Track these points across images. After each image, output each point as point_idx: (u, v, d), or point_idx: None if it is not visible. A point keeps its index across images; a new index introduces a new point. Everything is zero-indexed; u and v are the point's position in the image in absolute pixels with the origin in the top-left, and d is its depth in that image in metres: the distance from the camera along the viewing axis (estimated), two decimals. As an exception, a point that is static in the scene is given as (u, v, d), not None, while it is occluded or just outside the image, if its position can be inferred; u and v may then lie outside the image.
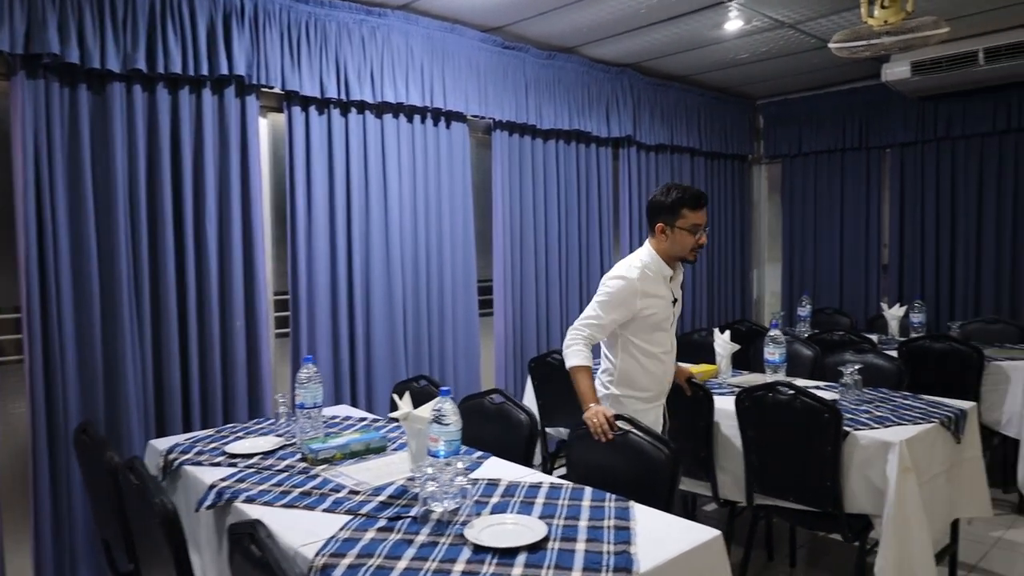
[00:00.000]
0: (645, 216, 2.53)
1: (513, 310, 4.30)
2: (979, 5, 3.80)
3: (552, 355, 3.54)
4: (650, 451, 2.09)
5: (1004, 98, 4.75)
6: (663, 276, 2.55)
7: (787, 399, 2.63)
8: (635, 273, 2.49)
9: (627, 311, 2.48)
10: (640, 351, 2.54)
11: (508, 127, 4.24)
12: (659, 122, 5.14)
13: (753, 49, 4.55)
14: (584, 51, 4.50)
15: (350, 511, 1.84)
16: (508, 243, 4.26)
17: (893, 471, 2.41)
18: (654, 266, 2.53)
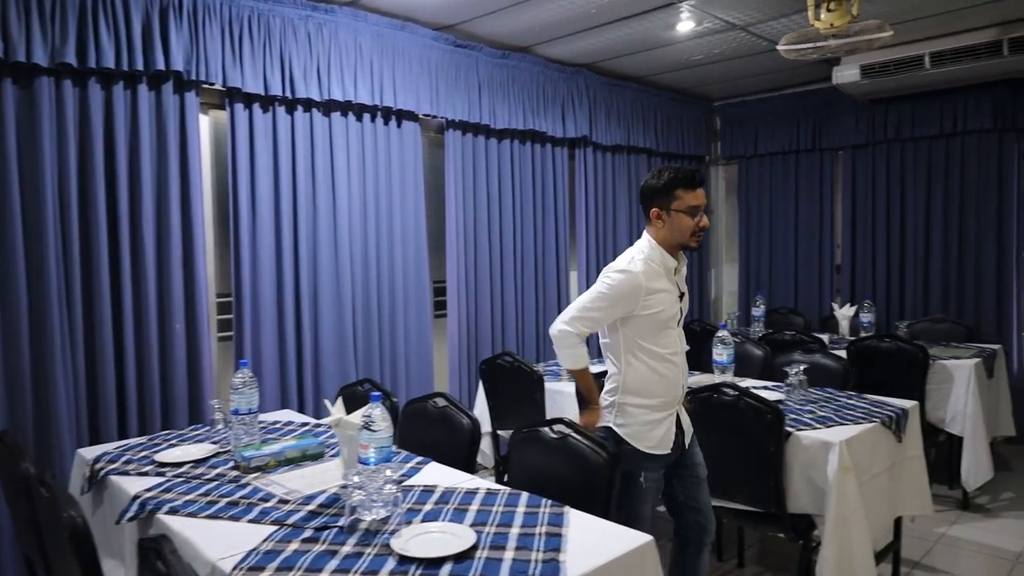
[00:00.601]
0: (639, 205, 2.40)
1: (467, 311, 4.26)
2: (923, 10, 3.86)
3: (503, 357, 3.51)
4: (589, 455, 2.06)
5: (950, 101, 4.84)
6: (666, 268, 2.30)
7: (731, 400, 2.63)
8: (638, 266, 2.26)
9: (628, 307, 2.24)
10: (647, 354, 2.28)
11: (461, 127, 4.20)
12: (616, 123, 5.14)
13: (707, 51, 4.57)
14: (538, 51, 4.47)
15: (276, 521, 1.78)
16: (462, 244, 4.22)
17: (834, 471, 2.43)
18: (656, 257, 2.29)
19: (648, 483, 2.28)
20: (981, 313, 4.84)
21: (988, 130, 4.75)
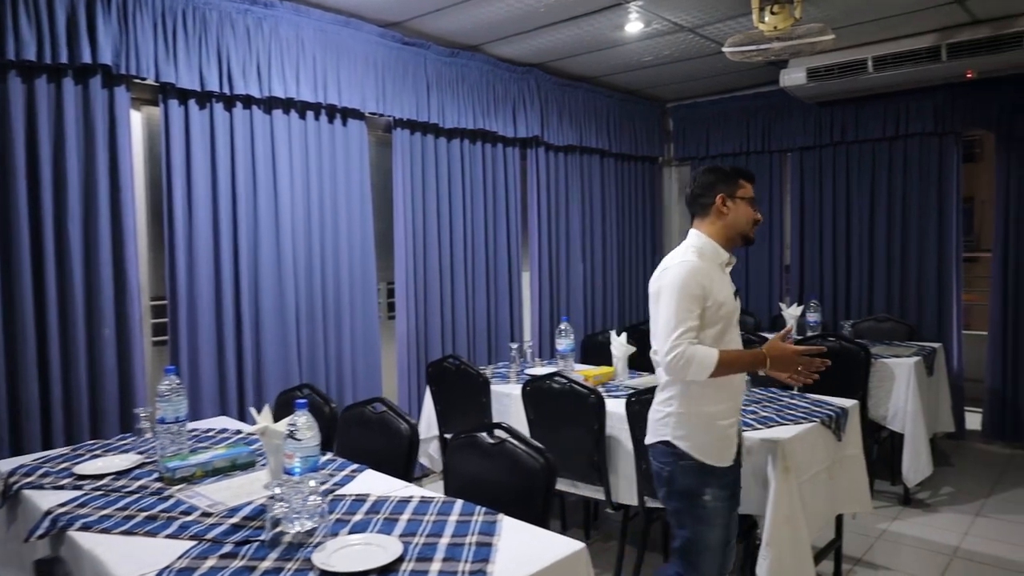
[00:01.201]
0: (690, 200, 2.24)
1: (416, 313, 4.19)
2: (865, 15, 3.93)
3: (449, 359, 3.45)
4: (525, 460, 2.03)
5: (893, 105, 4.95)
6: (719, 261, 2.17)
7: (674, 402, 2.61)
8: (693, 256, 2.10)
9: (703, 298, 2.05)
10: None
11: (409, 126, 4.13)
12: (568, 123, 5.13)
13: (656, 52, 4.58)
14: (488, 49, 4.43)
15: (195, 536, 1.70)
16: (411, 245, 4.15)
17: (774, 471, 2.44)
18: (709, 250, 2.15)
19: (716, 501, 2.11)
20: (923, 312, 4.95)
21: (929, 133, 4.87)
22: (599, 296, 5.53)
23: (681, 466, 2.11)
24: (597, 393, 2.86)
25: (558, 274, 5.17)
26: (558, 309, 5.15)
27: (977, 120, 4.65)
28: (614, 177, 5.70)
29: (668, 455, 2.15)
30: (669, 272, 2.10)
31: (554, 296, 5.12)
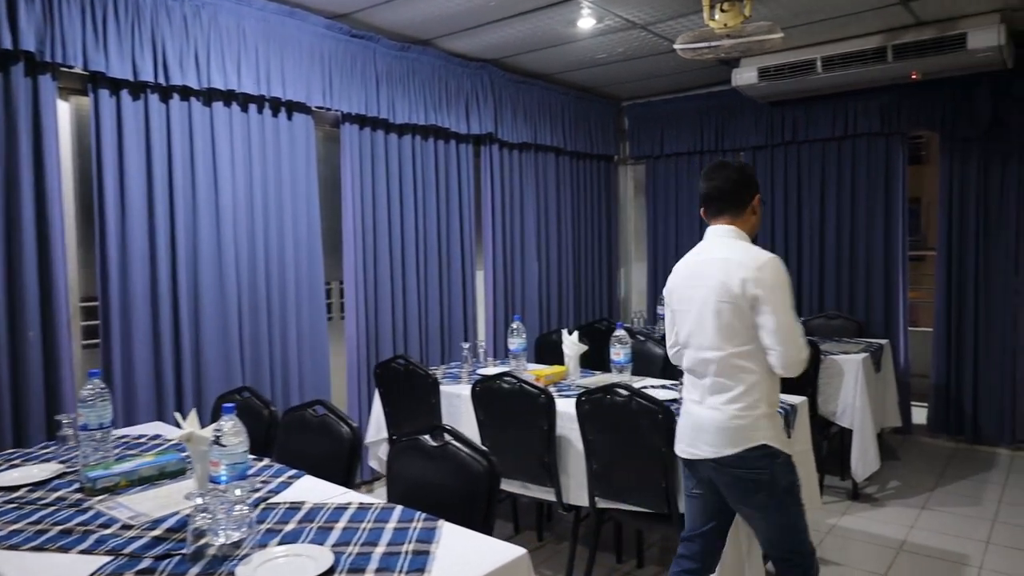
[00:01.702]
0: (726, 193, 2.17)
1: (367, 313, 4.09)
2: (813, 15, 3.96)
3: (397, 360, 3.37)
4: (469, 463, 1.96)
5: (842, 105, 5.02)
6: None
7: (623, 401, 2.58)
8: (759, 249, 2.12)
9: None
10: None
11: (358, 120, 4.02)
12: (522, 120, 5.08)
13: (610, 49, 4.56)
14: (440, 44, 4.35)
15: (112, 551, 1.59)
16: (360, 243, 4.05)
17: (723, 470, 2.41)
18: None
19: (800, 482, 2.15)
20: (871, 309, 5.04)
21: (877, 133, 4.95)
22: (554, 295, 5.50)
23: (779, 464, 2.07)
24: (547, 393, 2.81)
25: (512, 273, 5.11)
26: (512, 308, 5.10)
27: (922, 121, 4.74)
28: (569, 175, 5.68)
29: (765, 458, 2.06)
30: (767, 271, 2.04)
31: (508, 295, 5.07)
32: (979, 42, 3.93)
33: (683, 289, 2.21)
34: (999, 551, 3.27)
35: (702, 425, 2.12)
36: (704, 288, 2.11)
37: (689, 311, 2.17)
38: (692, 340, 2.16)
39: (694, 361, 2.16)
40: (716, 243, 2.17)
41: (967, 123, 4.55)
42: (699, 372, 2.15)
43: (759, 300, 2.02)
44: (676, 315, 2.26)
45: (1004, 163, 4.53)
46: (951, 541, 3.37)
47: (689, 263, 2.22)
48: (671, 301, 2.29)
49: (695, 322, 2.14)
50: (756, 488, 2.08)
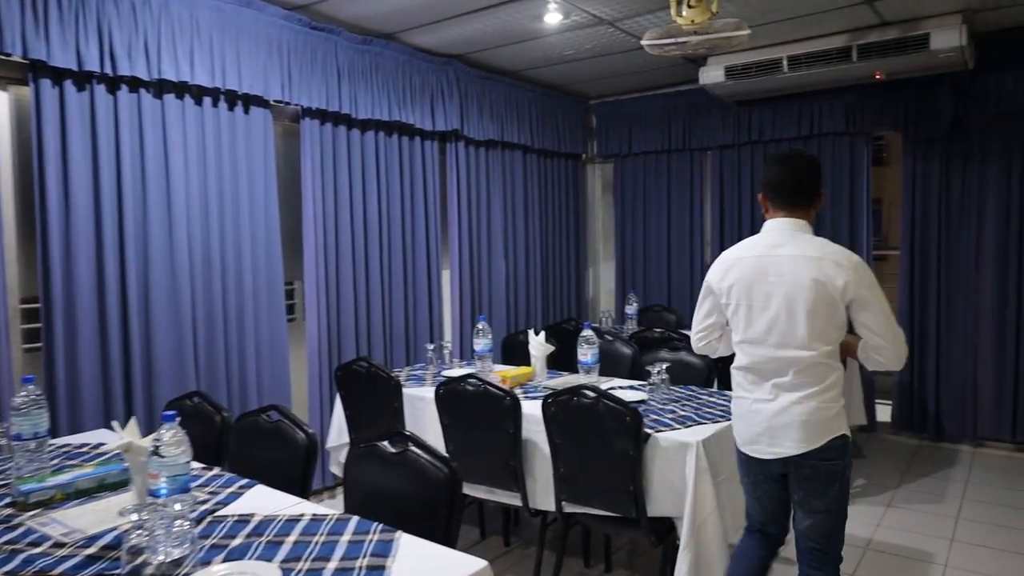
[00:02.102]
0: (797, 187, 2.14)
1: (328, 314, 3.97)
2: (779, 13, 3.95)
3: (359, 362, 3.26)
4: (430, 471, 1.87)
5: (808, 105, 5.04)
6: None
7: (591, 403, 2.52)
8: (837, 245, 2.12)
9: None
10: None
11: (319, 115, 3.91)
12: (489, 117, 5.00)
13: (577, 46, 4.51)
14: (404, 38, 4.25)
15: (41, 571, 1.48)
16: (321, 241, 3.93)
17: (691, 472, 2.37)
18: None
19: None
20: (836, 308, 5.05)
21: (841, 133, 4.98)
22: (521, 295, 5.43)
23: (848, 453, 2.13)
24: (512, 395, 2.74)
25: (479, 272, 5.03)
26: (479, 308, 5.02)
27: (886, 121, 4.78)
28: (537, 173, 5.61)
29: (842, 448, 2.09)
30: (863, 270, 2.03)
31: (475, 295, 4.99)
32: (941, 43, 3.96)
33: (754, 283, 2.11)
34: (963, 548, 3.28)
35: (785, 422, 2.07)
36: (790, 286, 2.05)
37: (766, 307, 2.09)
38: (769, 338, 2.08)
39: (767, 359, 2.10)
40: (791, 237, 2.11)
41: (929, 123, 4.60)
42: (773, 370, 2.09)
43: (864, 300, 2.01)
44: (739, 309, 2.16)
45: (965, 163, 4.59)
46: (917, 539, 3.38)
47: (759, 256, 2.12)
48: (731, 294, 2.17)
49: (775, 320, 2.07)
50: (832, 479, 2.09)
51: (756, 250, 2.15)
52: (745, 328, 2.15)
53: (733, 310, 2.18)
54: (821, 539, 2.16)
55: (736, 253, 2.20)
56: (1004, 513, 3.66)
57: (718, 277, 2.21)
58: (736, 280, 2.15)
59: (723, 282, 2.19)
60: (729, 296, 2.18)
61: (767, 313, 2.09)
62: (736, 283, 2.15)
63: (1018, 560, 3.15)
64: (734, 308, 2.18)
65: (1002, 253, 4.52)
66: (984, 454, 4.60)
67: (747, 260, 2.14)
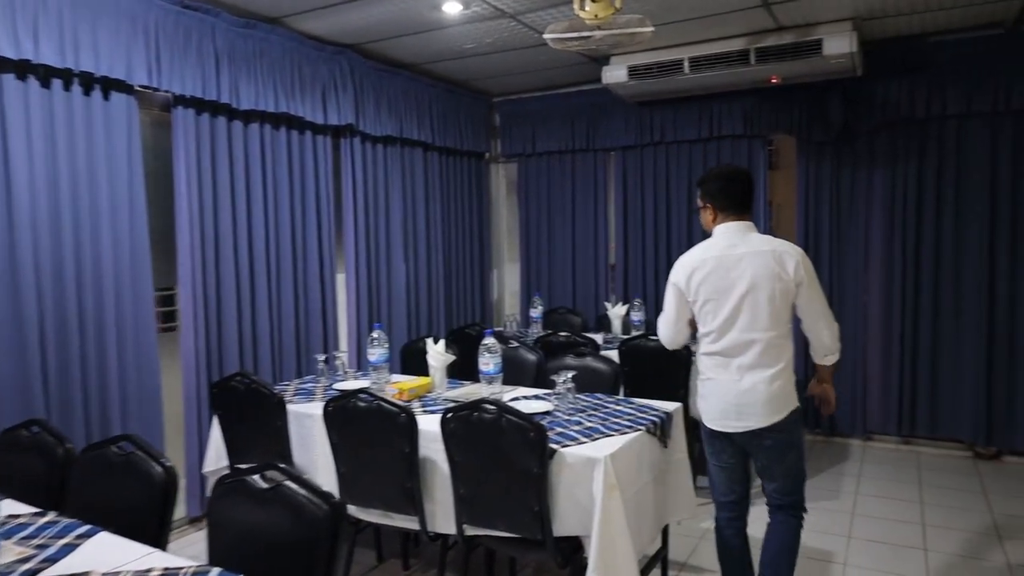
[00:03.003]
0: (745, 197, 2.53)
1: (207, 324, 3.61)
2: (681, 13, 3.92)
3: (237, 378, 2.95)
4: (307, 508, 1.63)
5: (707, 107, 5.08)
6: None
7: (492, 418, 2.34)
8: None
9: None
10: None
11: (195, 104, 3.54)
12: (386, 112, 4.74)
13: (478, 39, 4.33)
14: (291, 24, 3.93)
15: None
16: (198, 244, 3.56)
17: (599, 489, 2.24)
18: None
19: None
20: (736, 308, 5.12)
21: (740, 136, 5.04)
22: (423, 299, 5.20)
23: (801, 421, 2.50)
24: (408, 412, 2.52)
25: (377, 276, 4.77)
26: (377, 314, 4.76)
27: (780, 125, 4.87)
28: (438, 172, 5.40)
29: (797, 419, 2.45)
30: (806, 259, 2.40)
31: (373, 300, 4.72)
32: (833, 48, 4.05)
33: (719, 280, 2.39)
34: (860, 545, 3.34)
35: (751, 400, 2.37)
36: (752, 277, 2.35)
37: (728, 299, 2.37)
38: (735, 325, 2.38)
39: (734, 343, 2.38)
40: (744, 238, 2.42)
41: (821, 128, 4.72)
42: (738, 352, 2.38)
43: (803, 285, 2.36)
44: (707, 303, 2.42)
45: (855, 167, 4.74)
46: (817, 538, 3.41)
47: (719, 256, 2.40)
48: (698, 291, 2.43)
49: (738, 308, 2.37)
50: (790, 446, 2.45)
51: (716, 251, 2.42)
52: (712, 319, 2.42)
53: (701, 305, 2.44)
54: (786, 496, 2.51)
55: (698, 255, 2.46)
56: (895, 508, 3.77)
57: (684, 278, 2.47)
58: (703, 279, 2.41)
59: (690, 282, 2.44)
60: (697, 294, 2.44)
61: (732, 303, 2.37)
62: (703, 281, 2.41)
63: (913, 554, 3.23)
64: (702, 303, 2.43)
65: (888, 254, 4.70)
66: (873, 447, 4.78)
67: (709, 260, 2.42)
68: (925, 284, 4.59)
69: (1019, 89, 4.19)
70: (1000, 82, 4.23)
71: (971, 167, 4.42)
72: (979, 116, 4.36)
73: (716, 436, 2.49)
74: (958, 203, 4.48)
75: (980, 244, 4.41)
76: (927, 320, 4.60)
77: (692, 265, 2.45)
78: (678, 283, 2.49)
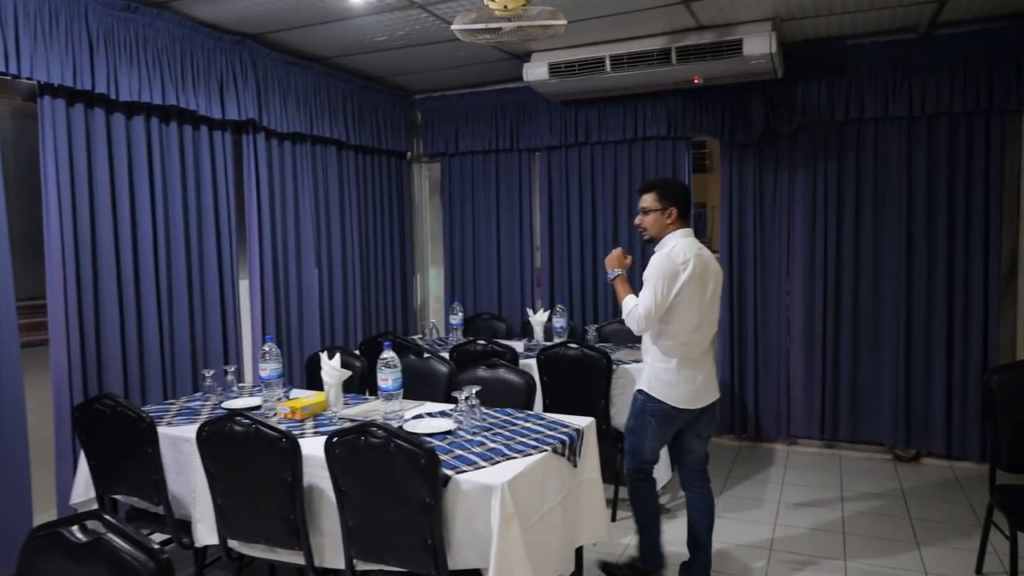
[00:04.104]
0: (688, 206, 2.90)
1: (82, 337, 3.26)
2: (599, 9, 3.78)
3: (102, 399, 2.63)
4: (129, 563, 1.38)
5: (632, 108, 4.97)
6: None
7: (381, 443, 2.12)
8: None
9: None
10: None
11: (65, 94, 3.19)
12: (294, 107, 4.45)
13: (390, 31, 4.09)
14: (180, 8, 3.60)
15: None
16: (71, 249, 3.21)
17: (496, 519, 2.04)
18: None
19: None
20: (662, 313, 5.03)
21: (664, 137, 4.95)
22: (338, 307, 4.92)
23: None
24: (290, 436, 2.27)
25: (286, 283, 4.47)
26: (287, 324, 4.46)
27: (704, 126, 4.80)
28: (355, 172, 5.13)
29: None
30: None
31: (281, 309, 4.41)
32: (753, 48, 3.98)
33: (699, 279, 2.70)
34: (780, 558, 3.25)
35: (712, 380, 2.86)
36: (714, 279, 2.78)
37: (704, 296, 2.73)
38: (707, 318, 2.76)
39: (704, 335, 2.79)
40: (696, 243, 2.79)
41: (743, 130, 4.66)
42: (704, 341, 2.80)
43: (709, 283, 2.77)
44: (691, 298, 2.70)
45: (776, 169, 4.70)
46: (738, 552, 3.31)
47: (697, 256, 2.71)
48: (685, 286, 2.67)
49: (710, 304, 2.77)
50: (716, 413, 2.98)
51: (693, 252, 2.72)
52: (688, 313, 2.70)
53: (683, 297, 2.68)
54: (705, 463, 2.96)
55: (687, 254, 2.70)
56: (817, 516, 3.71)
57: (682, 271, 2.68)
58: (690, 276, 2.68)
59: (683, 275, 2.68)
60: (683, 287, 2.68)
61: (704, 299, 2.73)
62: (690, 279, 2.68)
63: (833, 566, 3.15)
64: (685, 297, 2.68)
65: (809, 256, 4.67)
66: (797, 452, 4.75)
67: (692, 260, 2.69)
68: (845, 286, 4.59)
69: (933, 94, 4.22)
70: (915, 86, 4.25)
71: (888, 170, 4.44)
72: (895, 119, 4.37)
73: (677, 415, 2.78)
74: (876, 206, 4.48)
75: (897, 247, 4.42)
76: (848, 322, 4.59)
77: (686, 262, 2.68)
78: (678, 273, 2.67)
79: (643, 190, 2.89)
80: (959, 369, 4.32)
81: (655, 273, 2.69)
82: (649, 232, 2.85)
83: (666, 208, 2.79)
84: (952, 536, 3.40)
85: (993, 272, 4.22)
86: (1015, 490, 2.74)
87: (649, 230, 2.85)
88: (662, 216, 2.80)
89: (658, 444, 2.88)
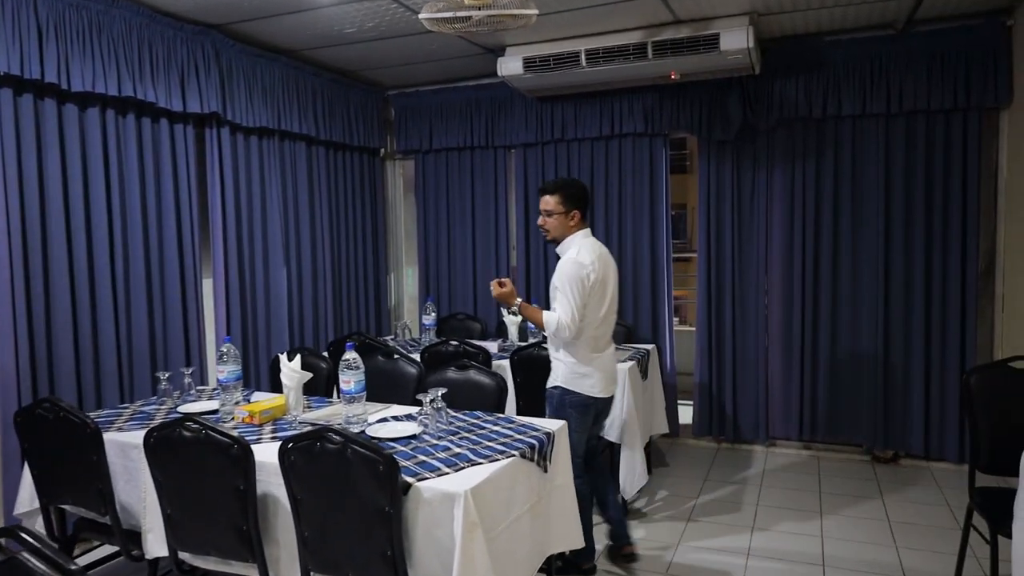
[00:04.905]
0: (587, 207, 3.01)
1: (30, 340, 3.11)
2: (575, 2, 3.69)
3: (43, 404, 2.48)
4: (47, 587, 1.26)
5: (608, 105, 4.88)
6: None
7: (337, 448, 2.00)
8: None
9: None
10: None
11: (12, 83, 3.03)
12: (261, 101, 4.31)
13: (359, 23, 3.97)
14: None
15: None
16: (18, 246, 3.06)
17: (459, 528, 1.93)
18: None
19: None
20: (638, 312, 4.96)
21: (641, 134, 4.87)
22: (308, 307, 4.78)
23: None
24: (242, 443, 2.14)
25: (253, 282, 4.33)
26: (254, 324, 4.32)
27: (681, 123, 4.72)
28: (325, 169, 5.00)
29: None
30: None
31: (248, 309, 4.27)
32: (731, 43, 3.91)
33: (605, 277, 2.87)
34: (758, 562, 3.17)
35: (616, 371, 3.08)
36: (614, 273, 2.97)
37: (608, 292, 2.90)
38: (612, 313, 2.96)
39: (609, 327, 2.97)
40: (596, 241, 2.95)
41: (721, 127, 4.60)
42: (607, 333, 2.96)
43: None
44: (603, 297, 2.87)
45: (754, 166, 4.64)
46: (714, 557, 3.23)
47: (600, 256, 2.88)
48: (595, 285, 2.81)
49: (613, 299, 2.94)
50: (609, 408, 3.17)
51: (596, 252, 2.86)
52: (599, 309, 2.86)
53: (597, 295, 2.83)
54: (599, 452, 3.19)
55: (593, 255, 2.84)
56: (795, 519, 3.64)
57: (592, 274, 2.80)
58: (599, 276, 2.83)
59: (596, 275, 2.81)
60: (594, 287, 2.81)
61: (610, 296, 2.92)
62: (598, 278, 2.83)
63: (812, 571, 3.08)
64: (598, 294, 2.84)
65: (787, 255, 4.62)
66: (775, 453, 4.69)
67: (599, 260, 2.85)
68: (824, 286, 4.54)
69: (910, 91, 4.17)
70: (893, 83, 4.21)
71: (867, 167, 4.39)
72: (873, 117, 4.32)
73: (594, 404, 2.90)
74: (854, 204, 4.44)
75: (875, 245, 4.37)
76: (826, 321, 4.54)
77: (592, 263, 2.80)
78: (587, 276, 2.78)
79: (546, 191, 2.93)
80: (937, 369, 4.28)
81: (566, 280, 2.76)
82: (552, 234, 2.93)
83: (569, 211, 2.88)
84: (931, 538, 3.35)
85: (971, 271, 4.19)
86: (994, 492, 2.68)
87: (552, 232, 2.92)
88: (565, 219, 2.88)
89: (582, 436, 2.90)
